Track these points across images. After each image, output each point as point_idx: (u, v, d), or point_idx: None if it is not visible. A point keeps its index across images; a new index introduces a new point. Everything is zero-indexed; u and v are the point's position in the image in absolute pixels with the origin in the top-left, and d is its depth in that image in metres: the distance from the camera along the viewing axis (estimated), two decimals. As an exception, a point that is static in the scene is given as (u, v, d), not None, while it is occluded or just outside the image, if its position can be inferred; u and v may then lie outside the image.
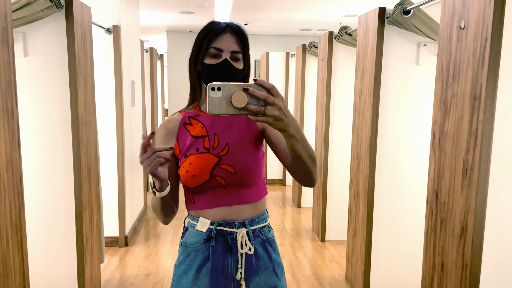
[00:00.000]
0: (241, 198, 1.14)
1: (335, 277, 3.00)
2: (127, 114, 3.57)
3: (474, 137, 1.46)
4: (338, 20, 5.76)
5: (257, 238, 1.16)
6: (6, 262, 1.50)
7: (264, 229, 1.19)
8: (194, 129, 1.15)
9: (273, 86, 0.85)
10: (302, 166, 1.01)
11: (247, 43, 1.15)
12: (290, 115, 0.88)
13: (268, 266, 1.17)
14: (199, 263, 1.13)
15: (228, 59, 1.09)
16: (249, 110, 0.83)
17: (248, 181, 1.13)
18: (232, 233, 1.13)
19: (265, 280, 1.16)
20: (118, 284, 2.82)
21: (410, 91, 2.50)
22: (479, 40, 1.43)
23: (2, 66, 1.46)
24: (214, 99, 0.84)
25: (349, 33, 3.20)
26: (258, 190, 1.17)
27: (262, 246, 1.17)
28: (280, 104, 0.84)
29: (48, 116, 2.27)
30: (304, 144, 0.96)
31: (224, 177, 1.11)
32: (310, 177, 1.05)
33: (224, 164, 1.11)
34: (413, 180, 2.54)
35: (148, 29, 7.04)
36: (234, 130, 1.15)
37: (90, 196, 2.49)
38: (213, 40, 1.10)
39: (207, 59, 1.10)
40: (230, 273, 1.13)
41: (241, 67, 1.12)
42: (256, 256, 1.15)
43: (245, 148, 1.13)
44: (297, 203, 4.79)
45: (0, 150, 1.44)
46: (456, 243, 1.57)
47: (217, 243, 1.12)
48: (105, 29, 3.22)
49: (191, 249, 1.16)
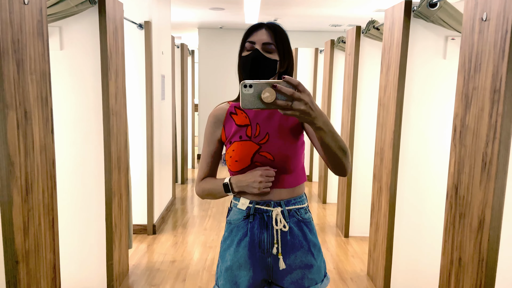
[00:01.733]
0: (279, 182, 1.24)
1: (357, 272, 3.00)
2: (156, 108, 3.69)
3: (494, 130, 1.44)
4: (369, 15, 5.67)
5: (292, 218, 1.25)
6: (38, 239, 1.61)
7: (300, 210, 1.27)
8: (239, 119, 1.28)
9: (299, 82, 0.93)
10: (333, 156, 1.09)
11: (282, 36, 1.22)
12: (318, 109, 0.96)
13: (304, 244, 1.25)
14: (239, 238, 1.26)
15: (260, 49, 1.19)
16: (277, 105, 0.93)
17: (286, 167, 1.23)
18: (268, 211, 1.24)
19: (301, 258, 1.24)
20: (145, 269, 2.95)
21: (436, 86, 2.46)
22: (500, 32, 1.41)
23: (38, 57, 1.57)
24: (246, 95, 0.93)
25: (377, 27, 3.17)
26: (296, 176, 1.27)
27: (297, 226, 1.26)
28: (306, 99, 0.93)
29: (82, 107, 2.40)
30: (333, 136, 1.03)
31: (264, 163, 1.23)
32: (341, 167, 1.13)
33: (263, 152, 1.23)
34: (436, 176, 2.51)
35: (181, 26, 7.19)
36: (275, 120, 1.25)
37: (120, 184, 2.61)
38: (249, 36, 1.21)
39: (244, 52, 1.22)
40: (267, 248, 1.23)
41: (275, 58, 1.20)
42: (291, 233, 1.24)
43: (284, 137, 1.23)
44: (323, 199, 4.79)
45: (35, 135, 1.56)
46: (474, 238, 1.55)
47: (255, 219, 1.24)
48: (137, 24, 3.34)
49: (234, 225, 1.28)
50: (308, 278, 1.25)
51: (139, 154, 3.54)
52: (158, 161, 3.84)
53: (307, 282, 1.25)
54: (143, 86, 3.46)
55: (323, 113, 0.99)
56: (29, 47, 1.51)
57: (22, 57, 1.46)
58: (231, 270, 1.26)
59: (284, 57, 1.22)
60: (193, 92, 6.72)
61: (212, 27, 7.20)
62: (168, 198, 4.43)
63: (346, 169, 1.14)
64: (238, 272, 1.25)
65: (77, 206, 2.45)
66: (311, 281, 1.25)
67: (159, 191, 3.92)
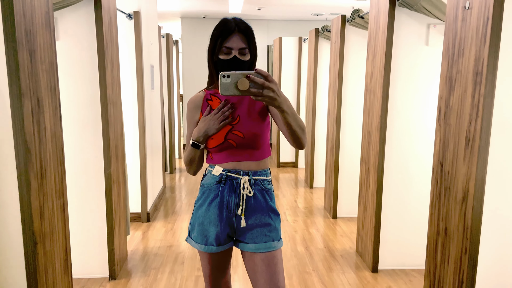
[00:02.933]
0: (248, 156, 1.48)
1: (346, 249, 3.17)
2: (147, 97, 3.74)
3: (476, 109, 1.58)
4: (351, 4, 5.81)
5: (257, 186, 1.49)
6: (52, 223, 1.68)
7: (264, 181, 1.51)
8: (214, 104, 1.51)
9: (268, 74, 1.17)
10: (294, 133, 1.34)
11: (253, 38, 1.46)
12: (283, 96, 1.22)
13: (264, 208, 1.49)
14: (211, 199, 1.49)
15: (237, 55, 1.41)
16: (250, 92, 1.16)
17: (254, 144, 1.47)
18: (238, 179, 1.47)
19: (260, 219, 1.49)
20: (143, 254, 3.03)
21: (420, 71, 2.61)
22: (481, 19, 1.54)
23: (46, 47, 1.62)
24: (225, 83, 1.16)
25: (361, 16, 3.29)
26: (262, 151, 1.51)
27: (260, 193, 1.49)
28: (274, 88, 1.17)
29: (79, 96, 2.45)
30: (294, 117, 1.29)
31: (235, 140, 1.46)
32: (300, 142, 1.38)
33: (235, 131, 1.46)
34: (420, 156, 2.67)
35: (163, 16, 7.17)
36: (244, 105, 1.49)
37: (118, 172, 2.67)
38: (225, 40, 1.41)
39: (221, 55, 1.43)
40: (233, 209, 1.47)
41: (248, 58, 1.44)
42: (254, 199, 1.48)
43: (252, 119, 1.47)
44: (309, 184, 4.95)
45: (46, 123, 1.62)
46: (459, 208, 1.71)
47: (226, 184, 1.47)
48: (126, 14, 3.37)
49: (207, 188, 1.51)
50: (266, 235, 1.48)
51: (131, 143, 3.59)
52: (150, 151, 3.90)
53: (265, 239, 1.47)
54: (133, 75, 3.50)
55: (287, 98, 1.25)
56: (39, 38, 1.56)
57: (34, 48, 1.51)
58: (203, 225, 1.50)
59: (254, 55, 1.46)
60: (178, 82, 6.74)
61: (195, 17, 7.20)
62: (160, 187, 4.50)
63: (303, 143, 1.39)
64: (208, 227, 1.49)
65: (77, 193, 2.51)
66: (268, 237, 1.48)
67: (152, 179, 3.98)
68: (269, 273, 1.45)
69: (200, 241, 1.51)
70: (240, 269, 2.81)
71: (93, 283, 2.58)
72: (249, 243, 1.48)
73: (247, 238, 1.48)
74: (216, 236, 1.48)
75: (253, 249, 1.47)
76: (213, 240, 1.49)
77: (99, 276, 2.63)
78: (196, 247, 1.53)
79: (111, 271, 2.62)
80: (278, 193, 4.77)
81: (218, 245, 1.49)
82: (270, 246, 1.47)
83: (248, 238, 1.48)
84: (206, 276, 1.60)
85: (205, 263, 1.56)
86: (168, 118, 5.44)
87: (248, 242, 1.48)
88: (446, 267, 1.81)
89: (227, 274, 1.65)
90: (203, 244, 1.50)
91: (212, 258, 1.54)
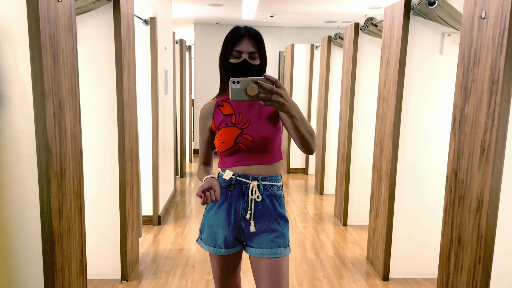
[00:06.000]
0: (258, 160, 1.50)
1: (357, 257, 3.16)
2: (161, 102, 3.79)
3: (492, 118, 1.58)
4: (363, 12, 5.82)
5: (265, 192, 1.50)
6: (69, 223, 1.72)
7: (273, 187, 1.52)
8: (225, 109, 1.54)
9: (276, 80, 1.18)
10: (303, 138, 1.34)
11: (263, 44, 1.49)
12: (291, 101, 1.22)
13: (272, 214, 1.50)
14: (220, 202, 1.52)
15: (247, 59, 1.44)
16: (259, 97, 1.18)
17: (264, 147, 1.48)
18: (247, 183, 1.49)
19: (268, 224, 1.50)
20: (154, 257, 3.06)
21: (434, 80, 2.61)
22: (498, 29, 1.55)
23: (68, 51, 1.67)
24: (234, 89, 1.18)
25: (375, 24, 3.31)
26: (273, 155, 1.52)
27: (269, 199, 1.51)
28: (283, 93, 1.18)
29: (96, 99, 2.49)
30: (302, 122, 1.29)
31: (245, 143, 1.48)
32: (309, 147, 1.39)
33: (245, 134, 1.48)
34: (434, 164, 2.66)
35: (177, 22, 7.26)
36: (254, 110, 1.52)
37: (131, 174, 2.71)
38: (235, 44, 1.45)
39: (232, 59, 1.46)
40: (241, 213, 1.49)
41: (258, 63, 1.46)
42: (262, 204, 1.49)
43: (262, 123, 1.49)
44: (320, 191, 4.94)
45: (67, 124, 1.66)
46: (473, 217, 1.70)
47: (235, 189, 1.50)
48: (142, 20, 3.43)
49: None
50: (272, 241, 1.49)
51: (144, 147, 3.63)
52: (162, 155, 3.94)
53: (270, 245, 1.48)
54: (148, 80, 3.55)
55: (296, 103, 1.25)
56: (62, 42, 1.60)
57: (57, 51, 1.55)
58: (212, 228, 1.53)
59: (264, 61, 1.49)
60: (190, 88, 6.80)
61: (208, 23, 7.28)
62: (171, 191, 4.53)
63: (312, 148, 1.39)
64: (217, 230, 1.52)
65: (92, 195, 2.55)
66: (274, 244, 1.48)
67: (163, 183, 4.02)
68: (271, 280, 1.46)
69: (210, 243, 1.54)
70: (250, 273, 2.82)
71: (105, 284, 2.61)
72: (255, 248, 1.49)
73: (254, 242, 1.50)
74: (224, 239, 1.51)
75: (258, 254, 1.48)
76: (222, 243, 1.52)
77: (111, 277, 2.66)
78: (206, 248, 1.56)
79: (123, 273, 2.65)
80: (288, 199, 4.77)
81: (226, 248, 1.52)
82: (276, 252, 1.48)
83: (254, 243, 1.50)
84: (216, 277, 1.63)
85: (215, 264, 1.59)
86: (180, 123, 5.49)
87: (254, 247, 1.50)
88: (460, 276, 1.80)
89: (237, 276, 1.68)
90: (212, 246, 1.54)
91: (222, 260, 1.57)
